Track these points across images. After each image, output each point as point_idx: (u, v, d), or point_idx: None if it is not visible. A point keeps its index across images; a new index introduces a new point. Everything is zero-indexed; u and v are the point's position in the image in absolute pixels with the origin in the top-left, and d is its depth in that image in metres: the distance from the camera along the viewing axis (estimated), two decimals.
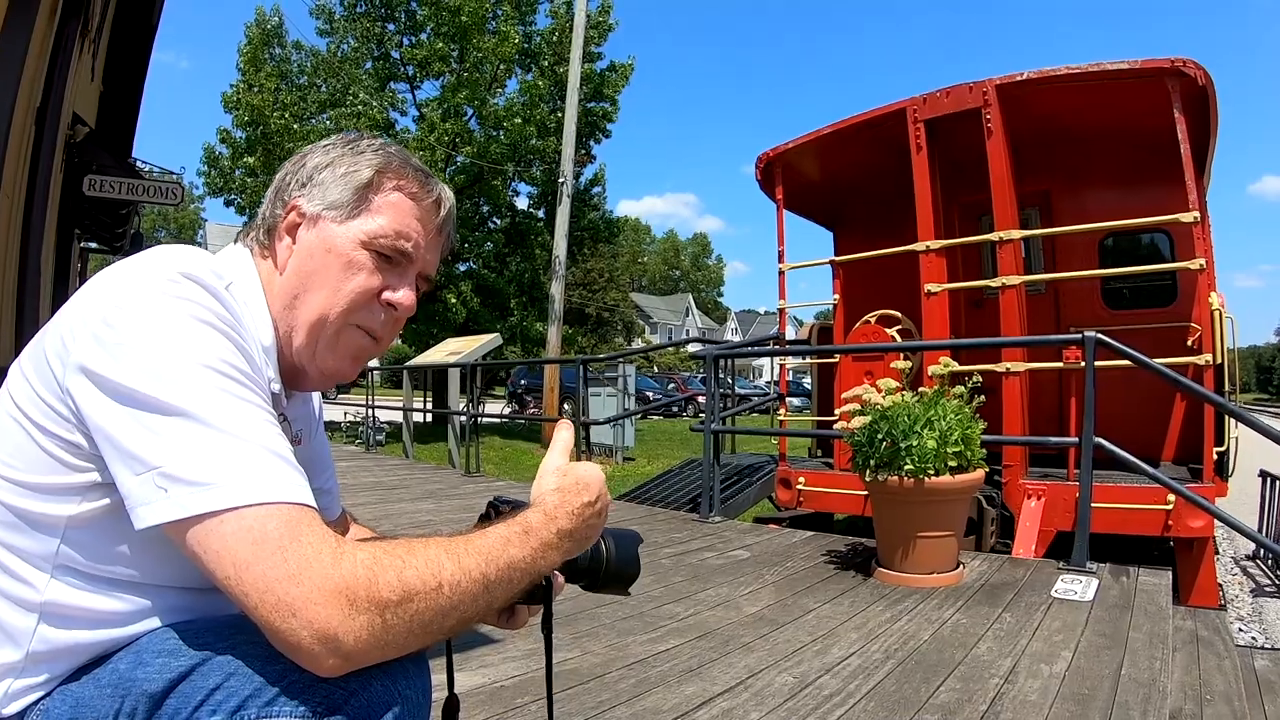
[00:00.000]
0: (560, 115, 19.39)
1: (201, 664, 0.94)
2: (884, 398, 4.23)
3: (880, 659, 2.99)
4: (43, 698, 0.99)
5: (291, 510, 0.91)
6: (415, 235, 1.23)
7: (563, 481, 1.16)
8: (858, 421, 4.25)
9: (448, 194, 1.30)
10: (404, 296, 1.23)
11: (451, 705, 1.26)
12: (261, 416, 0.97)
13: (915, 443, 3.94)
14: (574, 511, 1.13)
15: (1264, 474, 8.92)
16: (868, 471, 4.15)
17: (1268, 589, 7.61)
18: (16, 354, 1.06)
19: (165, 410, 0.91)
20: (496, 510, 1.23)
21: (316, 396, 1.45)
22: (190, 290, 0.99)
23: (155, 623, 1.02)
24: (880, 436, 4.06)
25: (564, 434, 1.24)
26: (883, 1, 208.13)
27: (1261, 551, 8.72)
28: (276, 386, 1.17)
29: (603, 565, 1.28)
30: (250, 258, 1.22)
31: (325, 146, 1.25)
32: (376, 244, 1.20)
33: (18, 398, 1.01)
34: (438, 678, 1.12)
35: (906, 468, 3.95)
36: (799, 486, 7.01)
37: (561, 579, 1.26)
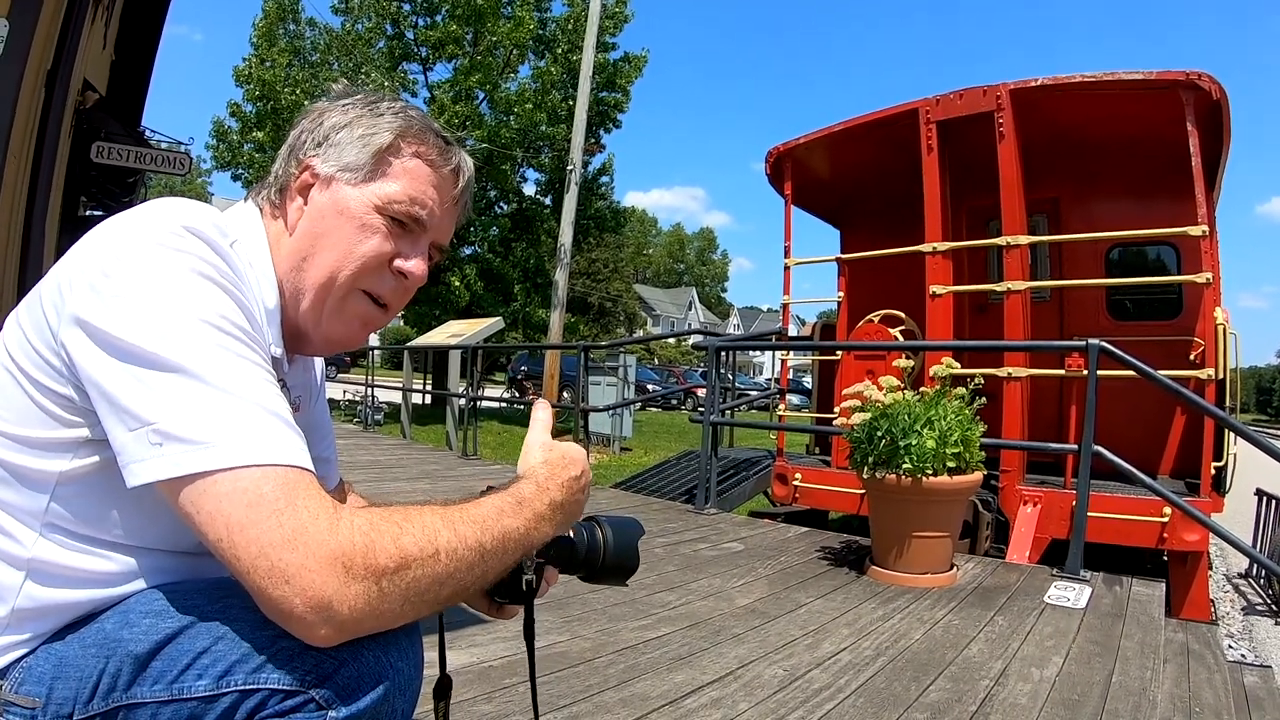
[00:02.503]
0: (571, 103, 19.38)
1: (189, 626, 0.93)
2: (885, 395, 4.22)
3: (871, 656, 2.99)
4: (26, 655, 0.97)
5: (289, 473, 0.89)
6: (431, 203, 1.21)
7: (550, 455, 1.17)
8: (858, 418, 4.24)
9: (467, 163, 1.28)
10: (416, 265, 1.21)
11: (444, 685, 1.25)
12: (261, 376, 0.95)
13: (914, 441, 3.93)
14: (564, 484, 1.13)
15: (1260, 493, 8.91)
16: (866, 469, 4.14)
17: (1259, 607, 7.61)
18: None
19: (162, 365, 0.89)
20: None
21: (319, 365, 1.43)
22: (192, 244, 0.97)
23: (143, 584, 1.01)
24: (880, 434, 4.05)
25: (542, 413, 1.24)
26: (895, 4, 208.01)
27: (1254, 570, 8.73)
28: (278, 351, 1.15)
29: (600, 556, 1.26)
30: (259, 217, 1.20)
31: (344, 105, 1.22)
32: (391, 209, 1.17)
33: (11, 349, 0.99)
34: (429, 655, 1.11)
35: (905, 466, 3.95)
36: (795, 482, 7.01)
37: (555, 571, 1.25)
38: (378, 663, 0.97)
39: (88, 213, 11.54)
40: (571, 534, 1.24)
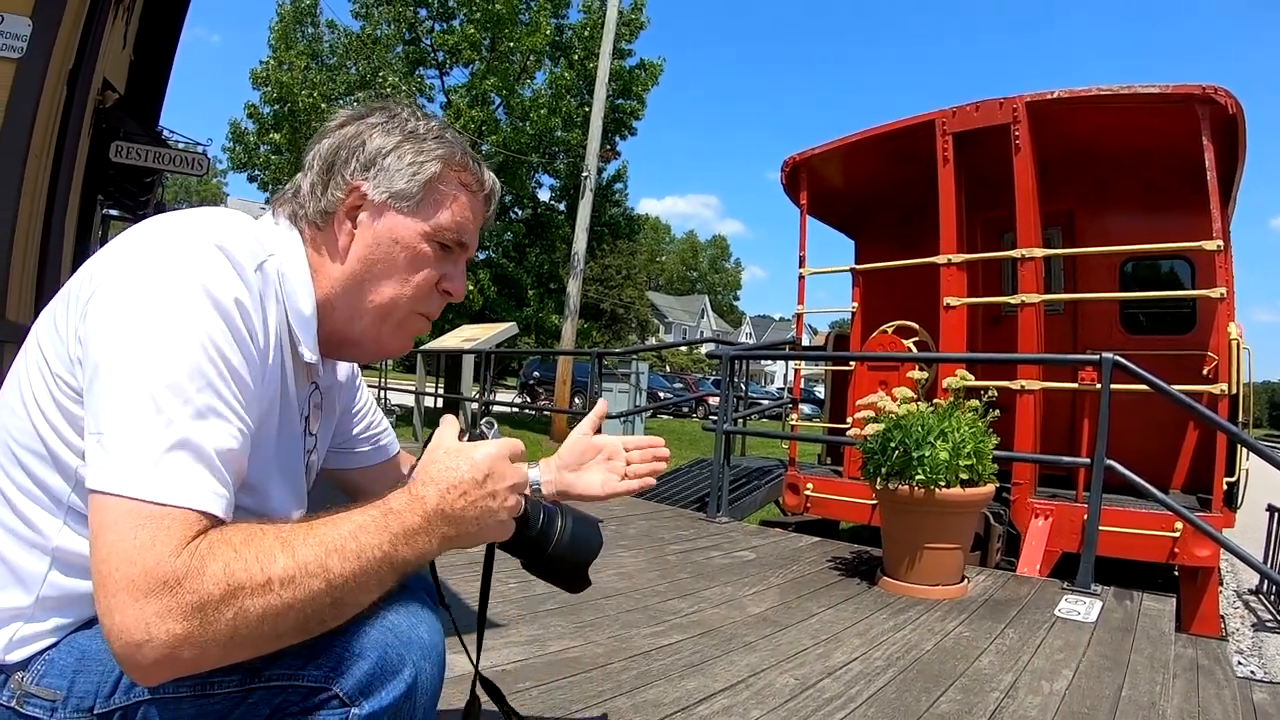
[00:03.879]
0: (587, 109, 19.44)
1: None
2: (899, 406, 4.22)
3: (882, 666, 3.00)
4: (48, 648, 0.99)
5: (176, 512, 0.87)
6: (472, 226, 1.28)
7: (443, 458, 1.07)
8: (871, 429, 4.24)
9: (496, 184, 1.33)
10: (459, 285, 1.28)
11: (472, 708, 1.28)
12: (219, 409, 0.94)
13: (928, 453, 3.93)
14: (451, 488, 1.02)
15: (1272, 509, 8.86)
16: (878, 479, 4.14)
17: (1269, 624, 7.57)
18: (36, 316, 1.07)
19: (136, 378, 0.90)
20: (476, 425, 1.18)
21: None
22: (217, 263, 0.99)
23: None
24: (893, 445, 4.05)
25: (449, 416, 1.20)
26: (909, 15, 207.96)
27: (1265, 586, 8.68)
28: (313, 357, 1.18)
29: (549, 544, 1.20)
30: (299, 238, 1.21)
31: (384, 127, 1.24)
32: (442, 236, 1.24)
33: (42, 342, 1.02)
34: (455, 657, 1.11)
35: (918, 478, 3.95)
36: (807, 492, 7.00)
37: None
38: (400, 660, 0.99)
39: (105, 212, 11.62)
40: (528, 509, 1.18)
